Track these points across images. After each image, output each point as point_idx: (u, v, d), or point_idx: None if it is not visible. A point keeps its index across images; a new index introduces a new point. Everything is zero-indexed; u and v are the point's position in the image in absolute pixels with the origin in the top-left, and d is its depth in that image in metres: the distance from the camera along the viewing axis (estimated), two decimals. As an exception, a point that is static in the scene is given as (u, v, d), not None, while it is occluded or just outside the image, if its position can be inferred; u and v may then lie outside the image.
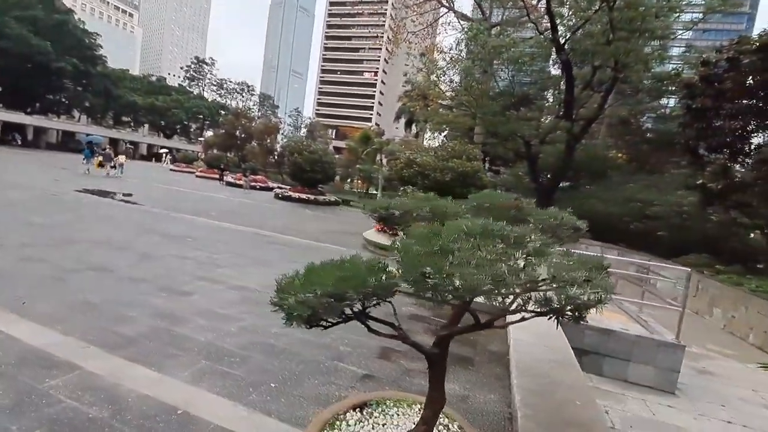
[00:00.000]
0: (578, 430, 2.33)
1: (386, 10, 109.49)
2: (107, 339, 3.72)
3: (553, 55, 25.88)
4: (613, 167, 26.18)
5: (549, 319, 1.63)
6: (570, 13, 19.91)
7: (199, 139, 56.07)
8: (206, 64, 75.38)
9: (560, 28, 19.84)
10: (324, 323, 1.95)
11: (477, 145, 19.92)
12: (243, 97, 77.39)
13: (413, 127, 60.87)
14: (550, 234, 2.29)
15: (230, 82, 76.64)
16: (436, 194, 11.20)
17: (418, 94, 31.80)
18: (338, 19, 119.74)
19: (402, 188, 12.05)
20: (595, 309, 1.54)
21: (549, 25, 20.57)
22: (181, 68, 78.85)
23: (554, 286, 1.55)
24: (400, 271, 1.75)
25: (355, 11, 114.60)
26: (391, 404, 2.47)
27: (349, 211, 22.32)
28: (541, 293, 1.68)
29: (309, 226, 13.99)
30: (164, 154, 49.96)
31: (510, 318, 1.92)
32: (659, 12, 18.28)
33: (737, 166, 11.63)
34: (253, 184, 26.98)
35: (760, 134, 11.35)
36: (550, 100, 28.98)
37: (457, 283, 1.50)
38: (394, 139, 41.52)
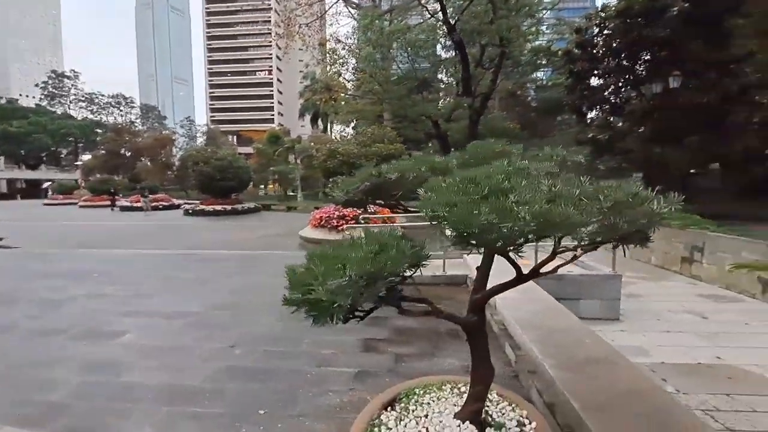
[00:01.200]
0: (604, 365, 2.35)
1: (269, 4, 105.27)
2: (28, 413, 2.86)
3: (443, 39, 27.48)
4: (511, 136, 28.64)
5: (615, 247, 1.54)
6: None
7: (76, 164, 48.18)
8: (67, 77, 64.39)
9: (448, 10, 20.82)
10: (359, 314, 1.62)
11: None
12: (121, 110, 68.06)
13: (320, 122, 59.83)
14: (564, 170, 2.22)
15: (102, 95, 66.72)
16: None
17: (321, 88, 31.18)
18: (218, 18, 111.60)
19: (330, 180, 11.62)
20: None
21: (437, 7, 21.53)
22: (37, 86, 66.38)
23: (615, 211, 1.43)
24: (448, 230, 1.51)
25: (235, 8, 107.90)
26: (421, 392, 2.24)
27: (273, 216, 21.13)
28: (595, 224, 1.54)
29: (236, 236, 12.84)
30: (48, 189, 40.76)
31: (549, 265, 1.80)
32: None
33: (616, 119, 13.54)
34: (154, 204, 23.98)
35: (628, 89, 13.30)
36: (447, 81, 30.55)
37: (531, 222, 1.31)
38: (303, 136, 40.25)
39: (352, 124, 37.16)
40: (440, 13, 21.51)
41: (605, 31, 12.95)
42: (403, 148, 13.94)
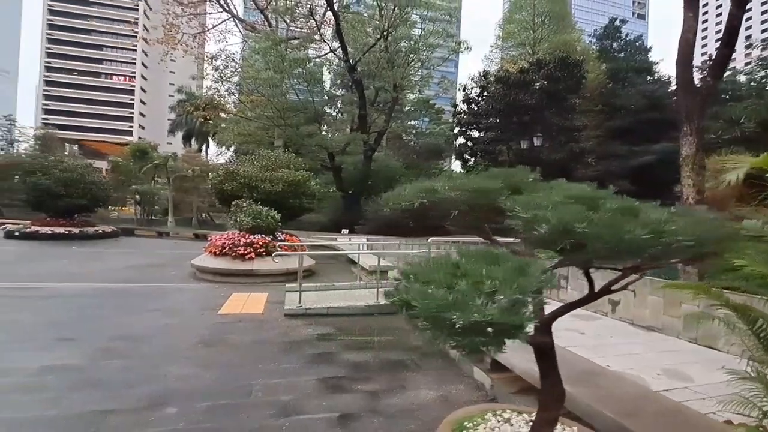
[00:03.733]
0: (602, 377, 2.54)
1: (137, 4, 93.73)
2: None
3: (338, 76, 28.59)
4: (399, 174, 30.69)
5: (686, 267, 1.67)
6: (356, 37, 22.14)
7: None
8: None
9: (350, 50, 21.80)
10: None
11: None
12: None
13: (193, 141, 54.42)
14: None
15: None
16: (270, 207, 10.24)
17: (204, 105, 28.67)
18: (66, 5, 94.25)
19: (233, 203, 10.45)
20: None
21: (336, 45, 22.38)
22: None
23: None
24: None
25: None
26: (470, 425, 2.04)
27: (140, 242, 17.75)
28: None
29: (95, 266, 10.27)
30: None
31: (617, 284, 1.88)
32: (422, 47, 22.69)
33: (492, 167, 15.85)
34: (-49, 222, 17.74)
35: (503, 142, 15.81)
36: (337, 116, 31.47)
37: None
38: (175, 154, 35.78)
39: (233, 147, 34.77)
40: (340, 50, 22.41)
41: (485, 93, 15.31)
42: (310, 176, 13.52)
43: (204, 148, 55.14)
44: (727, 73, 19.79)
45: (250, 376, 3.66)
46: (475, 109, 15.53)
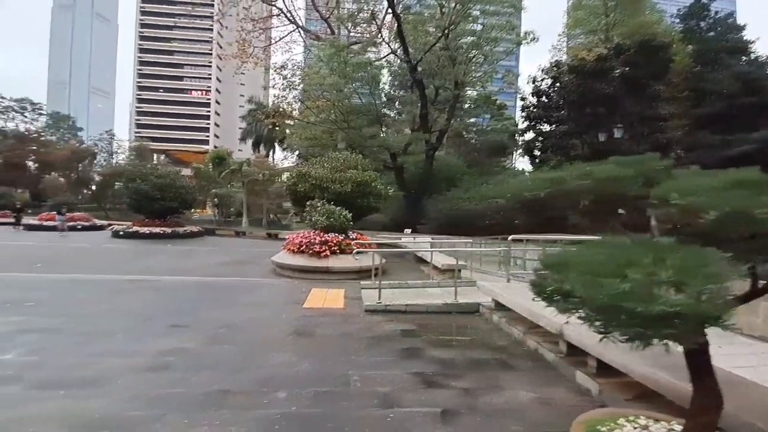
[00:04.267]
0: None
1: (211, 25, 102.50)
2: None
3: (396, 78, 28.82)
4: (461, 173, 30.11)
5: None
6: (416, 37, 22.13)
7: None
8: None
9: (410, 50, 21.86)
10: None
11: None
12: (26, 117, 59.45)
13: (261, 147, 58.05)
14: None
15: (3, 98, 57.81)
16: (340, 207, 10.52)
17: (272, 112, 30.43)
18: (153, 31, 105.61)
19: (308, 203, 10.95)
20: None
21: (398, 46, 22.57)
22: None
23: None
24: None
25: (171, 23, 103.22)
26: (605, 429, 1.91)
27: (222, 241, 19.34)
28: None
29: (189, 263, 11.36)
30: None
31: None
32: (484, 42, 22.10)
33: (566, 162, 14.89)
34: (71, 223, 20.67)
35: (577, 137, 14.84)
36: (396, 117, 31.67)
37: None
38: (249, 159, 38.42)
39: (297, 152, 36.50)
40: (400, 51, 22.58)
41: (556, 85, 14.44)
42: (377, 176, 13.78)
43: (271, 153, 58.68)
44: None
45: (345, 367, 3.78)
46: (546, 101, 14.72)
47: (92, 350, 4.02)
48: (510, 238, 6.26)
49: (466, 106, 29.07)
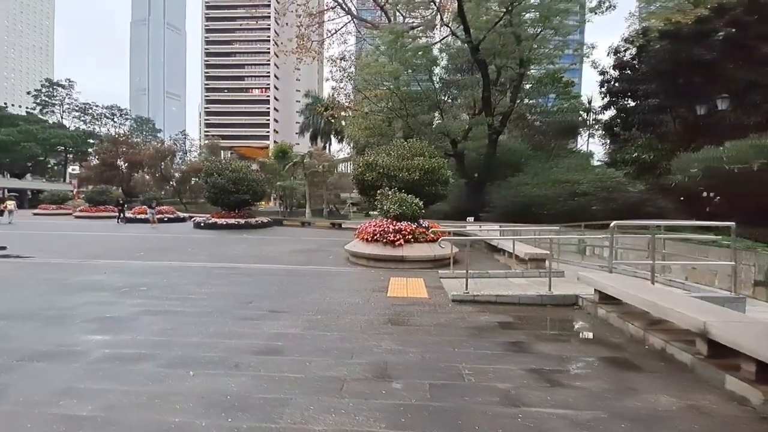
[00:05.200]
0: None
1: (268, 24, 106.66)
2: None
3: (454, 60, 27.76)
4: (525, 156, 28.56)
5: None
6: (477, 15, 21.10)
7: (71, 172, 46.09)
8: (62, 86, 62.71)
9: (471, 30, 20.91)
10: None
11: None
12: (115, 122, 66.61)
13: (318, 139, 59.73)
14: None
15: (97, 106, 65.23)
16: (411, 195, 10.27)
17: (331, 104, 30.94)
18: (217, 35, 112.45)
19: (379, 191, 10.93)
20: None
21: (458, 26, 21.66)
22: (29, 93, 64.44)
23: None
24: None
25: (233, 26, 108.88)
26: None
27: (289, 231, 20.21)
28: None
29: (268, 250, 11.94)
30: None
31: None
32: (551, 14, 20.51)
33: (655, 139, 13.37)
34: (159, 216, 22.83)
35: (670, 110, 13.15)
36: (452, 102, 30.64)
37: None
38: (310, 152, 39.71)
39: (352, 143, 36.92)
40: (460, 32, 21.69)
41: (643, 54, 12.88)
42: (444, 163, 13.41)
43: (327, 145, 60.26)
44: None
45: (452, 359, 3.63)
46: (630, 74, 13.20)
47: (209, 331, 4.27)
48: (613, 224, 5.67)
49: (528, 86, 27.37)
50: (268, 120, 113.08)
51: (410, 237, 9.26)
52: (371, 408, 2.71)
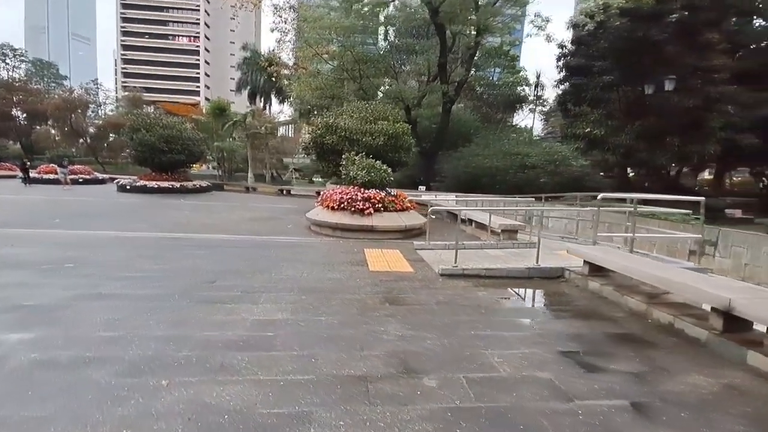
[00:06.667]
0: None
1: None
2: None
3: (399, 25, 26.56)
4: (474, 128, 28.90)
5: None
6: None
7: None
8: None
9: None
10: None
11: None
12: (8, 64, 55.51)
13: (258, 99, 55.46)
14: None
15: (-21, 43, 53.44)
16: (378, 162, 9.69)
17: (274, 60, 28.44)
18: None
19: (344, 156, 10.10)
20: None
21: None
22: None
23: None
24: None
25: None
26: None
27: (234, 196, 18.56)
28: None
29: (217, 218, 10.68)
30: None
31: None
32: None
33: (604, 115, 13.92)
34: (72, 177, 19.64)
35: (628, 87, 13.64)
36: (409, 67, 29.74)
37: None
38: (252, 110, 36.65)
39: (296, 105, 34.69)
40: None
41: (601, 30, 13.12)
42: (408, 129, 12.82)
43: (267, 105, 56.23)
44: None
45: (473, 344, 3.25)
46: (586, 50, 13.45)
47: (173, 320, 3.44)
48: (600, 196, 5.61)
49: (476, 58, 27.30)
50: (198, 74, 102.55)
51: (380, 206, 8.73)
52: (417, 417, 2.23)
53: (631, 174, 20.72)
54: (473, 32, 22.34)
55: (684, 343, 3.53)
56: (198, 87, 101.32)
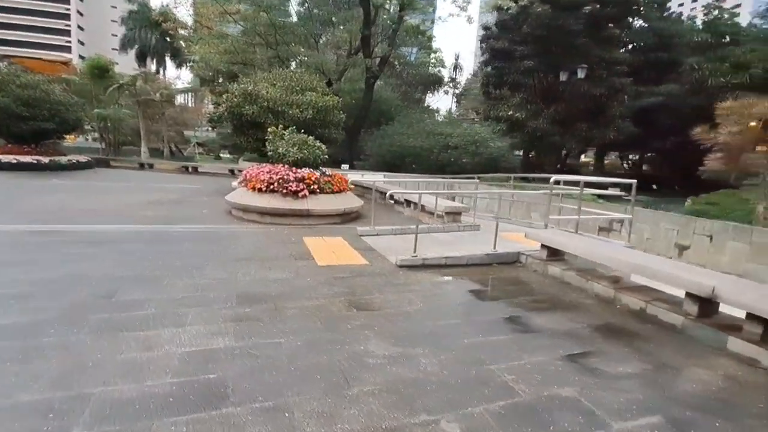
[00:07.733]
0: None
1: None
2: None
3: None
4: (394, 105, 28.61)
5: None
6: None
7: None
8: None
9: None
10: None
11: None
12: None
13: (149, 61, 48.09)
14: None
15: None
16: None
17: (170, 17, 24.54)
18: None
19: (270, 130, 8.77)
20: None
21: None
22: None
23: None
24: None
25: None
26: None
27: (126, 174, 15.56)
28: None
29: (106, 202, 8.57)
30: None
31: None
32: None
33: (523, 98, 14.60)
34: None
35: (546, 73, 14.37)
36: (328, 38, 28.06)
37: None
38: (144, 73, 31.30)
39: (198, 70, 30.78)
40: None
41: (523, 15, 13.51)
42: (338, 102, 11.79)
43: (162, 69, 49.20)
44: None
45: (476, 359, 2.74)
46: (509, 35, 13.79)
47: (56, 369, 2.28)
48: (553, 179, 5.53)
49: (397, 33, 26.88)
50: (69, 25, 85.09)
51: (315, 187, 7.78)
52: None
53: (531, 155, 22.64)
54: (396, 6, 21.67)
55: (661, 331, 3.48)
56: (69, 42, 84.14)
